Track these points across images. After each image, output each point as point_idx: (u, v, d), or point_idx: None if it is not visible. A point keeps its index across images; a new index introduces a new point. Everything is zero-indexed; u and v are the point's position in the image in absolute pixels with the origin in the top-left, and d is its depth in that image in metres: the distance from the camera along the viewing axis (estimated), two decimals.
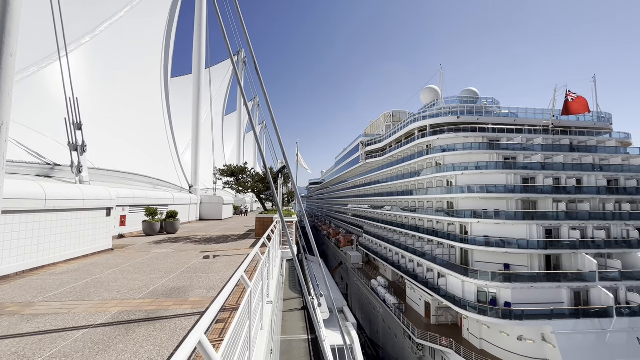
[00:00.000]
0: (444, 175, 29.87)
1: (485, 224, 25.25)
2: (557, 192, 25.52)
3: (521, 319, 20.82)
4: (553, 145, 28.11)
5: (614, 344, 19.91)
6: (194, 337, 1.66)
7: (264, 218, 13.77)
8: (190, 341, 1.61)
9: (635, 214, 25.65)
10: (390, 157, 43.34)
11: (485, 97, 33.59)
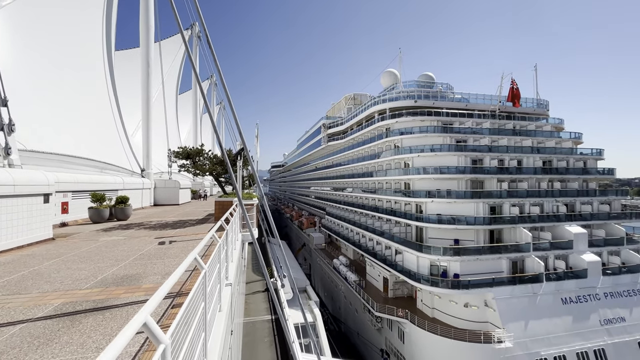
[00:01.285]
0: (401, 157, 31.07)
1: (439, 203, 26.94)
2: (501, 173, 27.82)
3: (467, 288, 22.90)
4: (499, 129, 30.34)
5: (543, 305, 22.77)
6: (139, 319, 1.61)
7: (223, 201, 13.42)
8: (134, 323, 1.55)
9: (564, 191, 28.90)
10: (351, 139, 44.00)
11: (441, 82, 35.04)
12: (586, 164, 31.02)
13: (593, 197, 29.36)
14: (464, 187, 27.30)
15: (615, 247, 26.93)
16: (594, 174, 30.54)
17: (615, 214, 29.12)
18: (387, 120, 32.91)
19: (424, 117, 30.23)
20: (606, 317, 22.97)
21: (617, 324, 22.85)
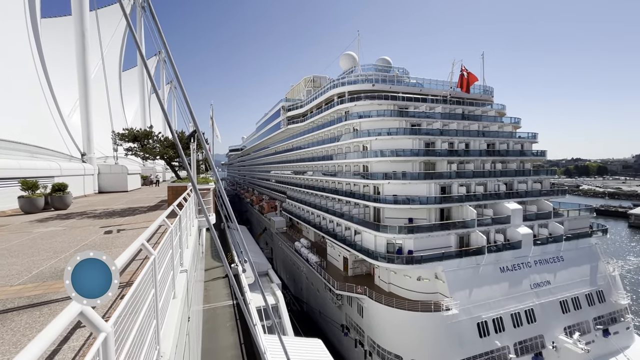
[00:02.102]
0: (360, 140, 31.72)
1: (395, 185, 28.16)
2: (451, 155, 29.67)
3: (420, 263, 24.59)
4: (449, 113, 32.09)
5: (484, 274, 25.25)
6: (74, 308, 1.49)
7: (176, 187, 12.75)
8: (68, 312, 1.44)
9: (504, 172, 31.70)
10: (311, 122, 43.81)
11: (397, 66, 35.87)
12: (523, 146, 34.17)
13: (528, 176, 32.60)
14: (417, 169, 28.74)
15: (544, 220, 30.39)
16: (529, 156, 33.82)
17: (545, 191, 32.72)
18: (346, 103, 33.16)
19: (381, 101, 30.93)
20: (535, 282, 26.14)
21: (543, 287, 26.13)
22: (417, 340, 22.36)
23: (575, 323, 25.60)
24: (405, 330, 22.72)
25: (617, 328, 26.75)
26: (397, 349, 22.80)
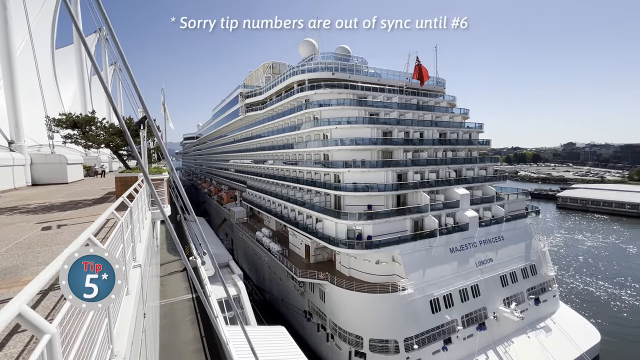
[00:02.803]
0: (321, 129, 31.84)
1: (354, 173, 28.85)
2: (406, 144, 30.99)
3: (379, 247, 25.71)
4: (405, 104, 33.30)
5: (436, 255, 27.14)
6: (11, 309, 1.35)
7: (126, 177, 11.86)
8: (4, 315, 1.30)
9: (454, 159, 33.90)
10: (270, 110, 42.95)
11: (356, 56, 36.21)
12: (471, 136, 36.70)
13: (475, 164, 35.22)
14: (376, 157, 29.66)
15: (488, 204, 33.21)
16: (476, 145, 36.47)
17: (489, 177, 35.65)
18: (306, 91, 32.93)
19: (341, 90, 31.17)
20: (480, 260, 28.68)
21: (487, 264, 28.79)
22: (376, 320, 23.56)
23: (513, 294, 28.67)
24: (365, 312, 23.80)
25: (546, 296, 30.46)
26: (357, 329, 23.84)
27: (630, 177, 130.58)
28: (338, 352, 24.96)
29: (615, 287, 39.76)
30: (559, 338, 26.90)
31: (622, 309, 32.86)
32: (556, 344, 26.28)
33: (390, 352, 23.05)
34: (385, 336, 23.20)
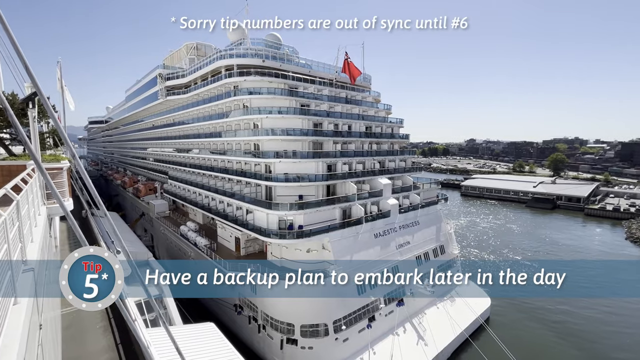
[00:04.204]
0: (251, 117, 30.89)
1: (286, 163, 28.84)
2: (336, 136, 32.09)
3: (310, 236, 26.38)
4: (335, 97, 34.32)
5: (362, 241, 29.06)
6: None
7: (9, 165, 9.80)
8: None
9: (378, 152, 36.39)
10: (195, 95, 39.96)
11: (287, 45, 35.80)
12: (393, 130, 39.77)
13: (396, 156, 38.37)
14: (307, 148, 30.07)
15: (407, 192, 36.60)
16: (397, 138, 39.69)
17: (408, 168, 39.28)
18: (234, 77, 31.47)
19: (272, 79, 30.55)
20: (399, 243, 31.65)
21: (405, 247, 31.92)
22: (307, 306, 24.30)
23: (426, 272, 32.41)
24: (297, 299, 24.35)
25: (452, 271, 35.21)
26: (289, 317, 24.28)
27: (513, 169, 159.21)
28: (270, 342, 25.12)
29: (502, 259, 48.15)
30: (461, 306, 31.50)
31: (506, 277, 40.05)
32: (458, 311, 30.73)
33: (320, 335, 24.10)
34: (315, 321, 24.13)
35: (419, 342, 27.17)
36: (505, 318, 33.26)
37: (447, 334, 28.29)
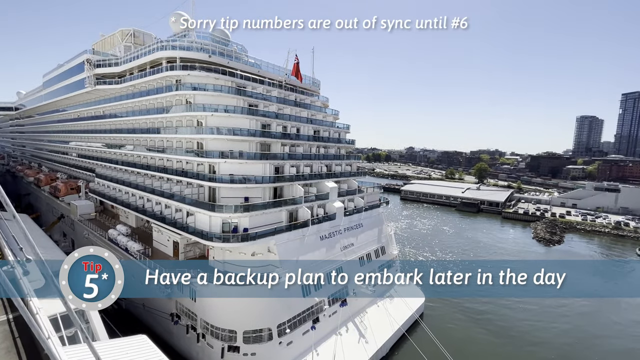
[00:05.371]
0: (194, 114, 29.33)
1: (231, 164, 27.88)
2: (284, 138, 31.99)
3: (255, 239, 25.80)
4: (284, 99, 34.24)
5: (308, 243, 29.33)
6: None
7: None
8: None
9: (325, 155, 37.17)
10: (131, 86, 36.64)
11: (236, 42, 34.77)
12: (340, 135, 40.98)
13: (342, 160, 39.55)
14: (254, 149, 29.47)
15: (352, 195, 37.92)
16: (344, 143, 40.99)
17: (353, 173, 40.73)
18: (177, 71, 29.62)
19: (218, 75, 29.37)
20: (344, 245, 32.62)
21: (349, 248, 32.99)
22: (251, 312, 23.69)
23: (368, 272, 33.89)
24: (240, 305, 23.59)
25: (391, 271, 37.34)
26: (231, 324, 23.42)
27: (446, 176, 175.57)
28: (210, 351, 23.94)
29: (435, 257, 52.47)
30: (398, 303, 33.51)
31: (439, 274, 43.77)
32: (396, 308, 32.64)
33: (264, 340, 23.67)
34: (259, 325, 23.64)
35: (360, 340, 28.22)
36: (437, 312, 36.26)
37: (386, 330, 29.86)
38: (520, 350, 30.76)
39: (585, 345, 32.09)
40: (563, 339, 32.81)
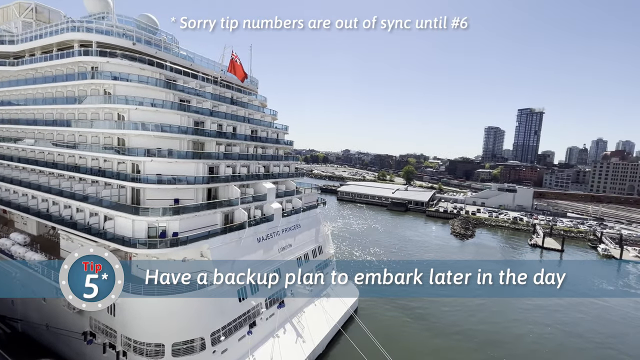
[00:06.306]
0: (115, 107, 26.32)
1: (159, 163, 25.65)
2: (219, 137, 30.57)
3: (186, 244, 24.09)
4: (220, 96, 32.74)
5: (245, 246, 28.47)
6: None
7: None
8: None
9: (263, 156, 36.54)
10: (32, 70, 31.35)
11: (165, 31, 32.17)
12: (278, 136, 40.73)
13: (281, 161, 39.36)
14: (185, 148, 27.58)
15: (290, 196, 37.97)
16: (282, 144, 40.84)
17: (291, 174, 40.81)
18: (94, 56, 26.21)
19: (144, 66, 26.77)
20: (282, 246, 32.46)
21: (287, 249, 32.96)
22: (181, 322, 22.10)
23: (305, 272, 34.26)
24: (169, 315, 21.85)
25: (328, 269, 38.36)
26: (158, 337, 21.54)
27: (378, 177, 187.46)
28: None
29: (369, 254, 55.45)
30: (334, 301, 34.59)
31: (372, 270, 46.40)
32: (333, 306, 33.65)
33: (196, 350, 22.30)
34: (190, 336, 22.19)
35: (297, 340, 28.39)
36: (371, 307, 38.37)
37: (323, 328, 30.58)
38: (447, 338, 34.16)
39: (496, 330, 36.99)
40: (482, 326, 37.23)
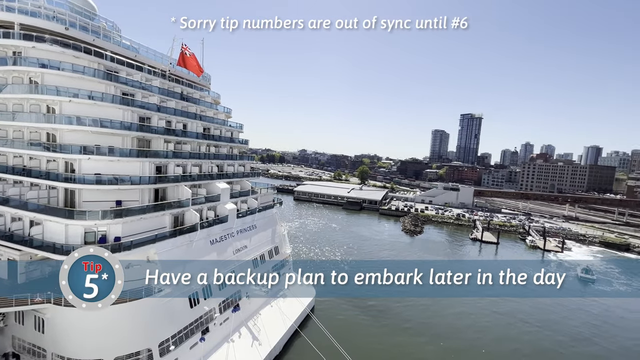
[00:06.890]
0: (43, 98, 23.47)
1: (98, 161, 23.42)
2: (168, 134, 28.74)
3: (130, 249, 22.25)
4: (168, 90, 30.82)
5: (197, 249, 27.12)
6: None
7: None
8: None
9: (217, 155, 35.18)
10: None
11: (105, 17, 29.38)
12: (232, 134, 39.49)
13: (235, 160, 38.19)
14: (129, 145, 25.55)
15: (245, 197, 37.02)
16: (237, 143, 39.67)
17: (247, 173, 39.81)
18: (15, 39, 23.11)
19: (79, 54, 24.20)
20: (237, 248, 31.52)
21: (242, 251, 32.08)
22: (124, 333, 20.39)
23: (262, 273, 33.66)
24: (111, 328, 20.03)
25: (285, 270, 38.10)
26: (98, 352, 19.68)
27: (334, 177, 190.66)
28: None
29: (325, 253, 56.12)
30: (291, 300, 34.45)
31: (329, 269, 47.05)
32: (290, 306, 33.48)
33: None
34: (135, 348, 20.61)
35: (253, 343, 27.77)
36: (327, 306, 38.88)
37: (279, 329, 30.27)
38: (402, 334, 35.60)
39: (445, 323, 39.42)
40: (434, 320, 39.36)
